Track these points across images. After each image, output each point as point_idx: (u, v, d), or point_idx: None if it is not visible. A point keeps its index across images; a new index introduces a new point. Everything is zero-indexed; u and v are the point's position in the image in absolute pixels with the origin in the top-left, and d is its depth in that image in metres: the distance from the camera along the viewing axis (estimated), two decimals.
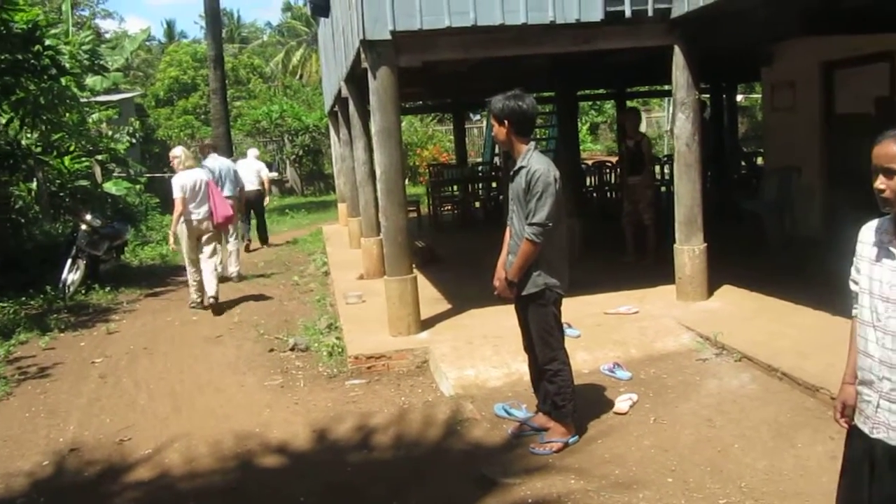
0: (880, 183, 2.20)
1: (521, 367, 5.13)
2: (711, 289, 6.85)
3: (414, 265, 6.66)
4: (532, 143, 4.20)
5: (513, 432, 4.56)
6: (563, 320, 4.40)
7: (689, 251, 6.70)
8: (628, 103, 15.31)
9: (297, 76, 37.51)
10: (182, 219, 8.32)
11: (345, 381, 5.78)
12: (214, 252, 8.55)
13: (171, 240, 8.60)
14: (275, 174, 25.33)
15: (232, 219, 9.10)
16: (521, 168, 4.13)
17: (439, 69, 8.76)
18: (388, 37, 5.85)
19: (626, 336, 5.99)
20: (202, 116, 28.33)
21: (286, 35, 44.11)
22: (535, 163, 4.09)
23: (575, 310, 6.28)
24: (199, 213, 8.39)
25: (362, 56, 6.09)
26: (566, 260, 4.27)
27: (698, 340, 5.82)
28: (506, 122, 4.13)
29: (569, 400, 4.31)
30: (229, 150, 18.96)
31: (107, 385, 6.21)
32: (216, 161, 10.34)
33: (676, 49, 6.50)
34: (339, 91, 9.80)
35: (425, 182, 17.42)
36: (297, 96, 29.49)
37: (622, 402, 4.82)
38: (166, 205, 19.45)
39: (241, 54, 39.58)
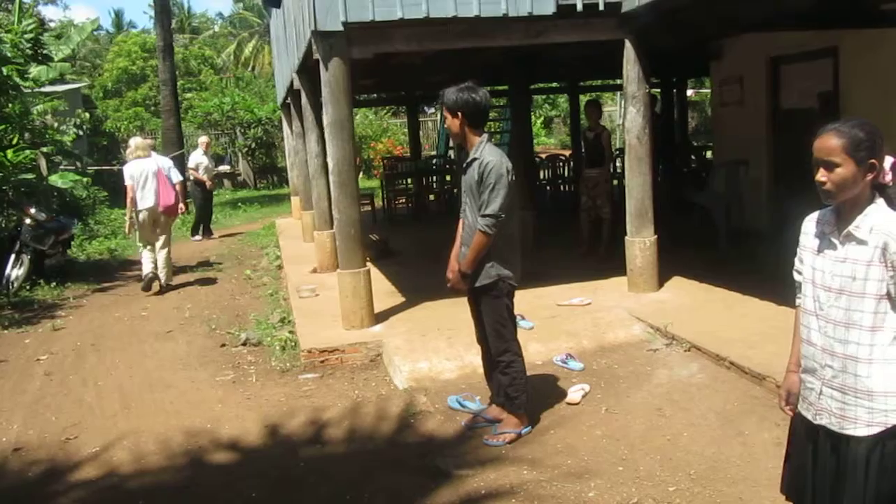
0: (821, 175, 2.25)
1: (474, 359, 5.15)
2: (662, 280, 6.96)
3: (368, 258, 6.63)
4: (485, 136, 4.21)
5: (466, 424, 4.58)
6: (516, 312, 4.43)
7: (639, 243, 6.79)
8: (581, 97, 15.46)
9: (250, 68, 36.98)
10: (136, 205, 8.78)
11: (298, 375, 5.73)
12: (165, 243, 9.09)
13: (127, 226, 8.97)
14: (227, 167, 25.00)
15: (173, 208, 9.27)
16: (473, 160, 4.14)
17: (393, 61, 8.72)
18: (340, 28, 5.80)
19: (579, 327, 6.04)
20: (152, 108, 27.78)
21: (238, 26, 43.44)
22: (487, 154, 4.10)
23: (528, 302, 6.33)
24: (146, 201, 8.81)
25: (314, 47, 6.03)
26: (519, 251, 4.30)
27: (649, 331, 5.91)
28: (459, 114, 4.14)
29: (522, 391, 4.34)
30: (180, 143, 18.65)
31: (52, 383, 6.06)
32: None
33: (627, 43, 6.57)
34: (292, 83, 9.69)
35: (379, 175, 17.33)
36: (249, 88, 29.06)
37: (574, 393, 4.87)
38: (115, 198, 19.08)
39: (192, 45, 38.88)
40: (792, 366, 2.56)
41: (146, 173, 8.87)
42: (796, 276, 2.50)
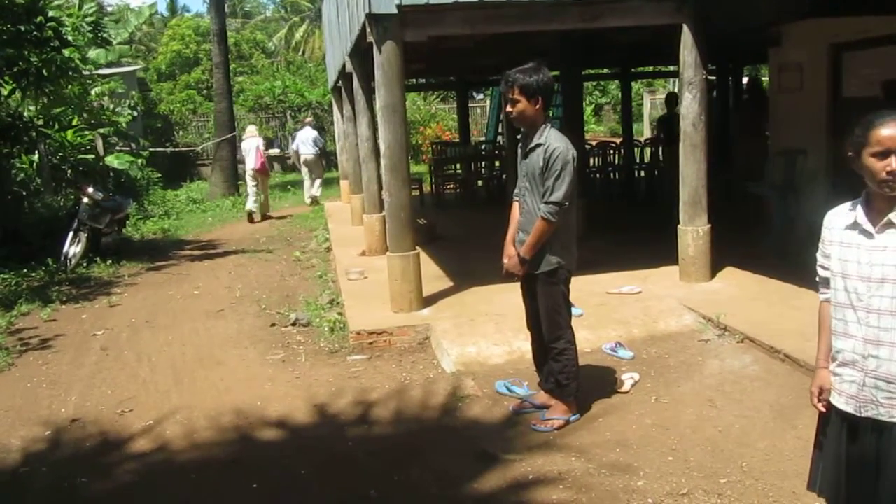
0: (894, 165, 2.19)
1: (522, 344, 5.14)
2: (715, 270, 6.84)
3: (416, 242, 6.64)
4: (548, 121, 4.16)
5: (514, 409, 4.57)
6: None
7: (692, 232, 6.68)
8: (633, 84, 15.23)
9: (300, 52, 37.23)
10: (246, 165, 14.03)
11: (346, 356, 5.78)
12: (261, 191, 14.33)
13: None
14: (276, 150, 25.26)
15: (262, 169, 14.09)
16: (538, 145, 4.07)
17: (443, 45, 8.68)
18: (395, 11, 5.79)
19: (629, 316, 5.98)
20: (204, 91, 28.13)
21: (289, 10, 43.71)
22: (553, 140, 4.03)
23: (578, 289, 6.20)
24: (249, 165, 13.99)
25: (368, 30, 6.04)
26: (576, 239, 4.26)
27: (701, 321, 5.82)
28: (540, 98, 4.04)
29: (573, 379, 4.31)
30: (231, 126, 18.87)
31: (108, 357, 6.22)
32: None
33: (685, 28, 6.43)
34: (343, 66, 9.73)
35: (428, 160, 17.34)
36: (299, 72, 29.27)
37: (624, 382, 4.82)
38: (168, 179, 19.47)
39: (244, 29, 39.29)
40: (821, 362, 2.52)
41: (251, 148, 13.90)
42: (821, 272, 2.48)
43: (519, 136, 4.41)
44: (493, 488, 3.71)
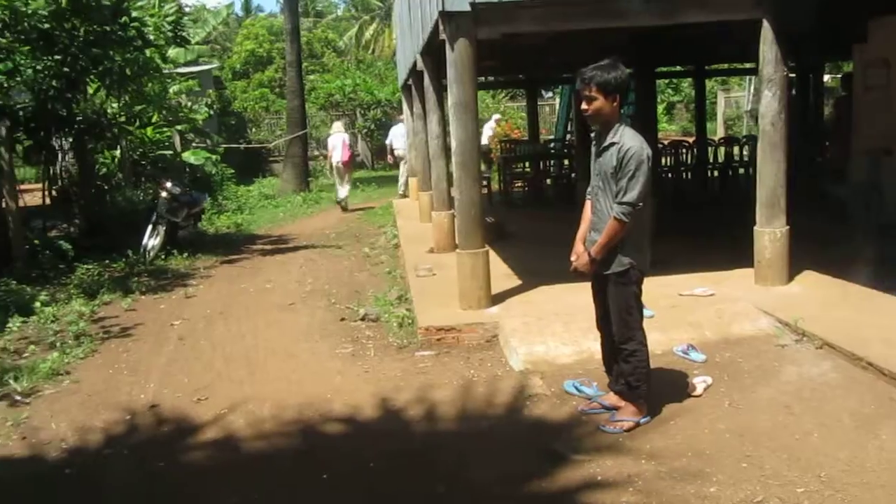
0: None
1: (592, 344, 5.08)
2: (792, 273, 6.64)
3: None
4: (623, 119, 4.11)
5: (582, 409, 4.53)
6: None
7: (769, 234, 6.50)
8: (707, 82, 14.91)
9: (370, 50, 37.62)
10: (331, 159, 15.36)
11: (414, 352, 5.82)
12: (347, 182, 15.52)
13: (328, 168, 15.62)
14: None
15: (347, 163, 15.35)
16: (611, 144, 4.02)
17: (514, 43, 8.65)
18: (468, 8, 5.80)
19: (701, 318, 5.86)
20: (277, 89, 28.70)
21: (360, 9, 44.20)
22: (628, 139, 3.98)
23: (649, 290, 6.07)
24: (335, 158, 15.22)
25: (440, 28, 6.06)
26: (649, 239, 4.19)
27: (777, 326, 5.65)
28: (617, 95, 3.99)
29: (643, 381, 4.25)
30: (303, 123, 19.21)
31: (185, 346, 6.41)
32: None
33: (765, 23, 6.25)
34: (415, 64, 9.79)
35: (496, 158, 17.32)
36: (369, 70, 29.59)
37: (696, 385, 4.72)
38: (242, 175, 19.93)
39: (316, 28, 39.90)
40: None
41: (337, 142, 15.25)
42: None
43: (592, 134, 4.35)
44: (560, 488, 3.69)
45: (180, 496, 3.86)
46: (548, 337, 5.60)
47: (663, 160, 13.71)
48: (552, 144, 16.19)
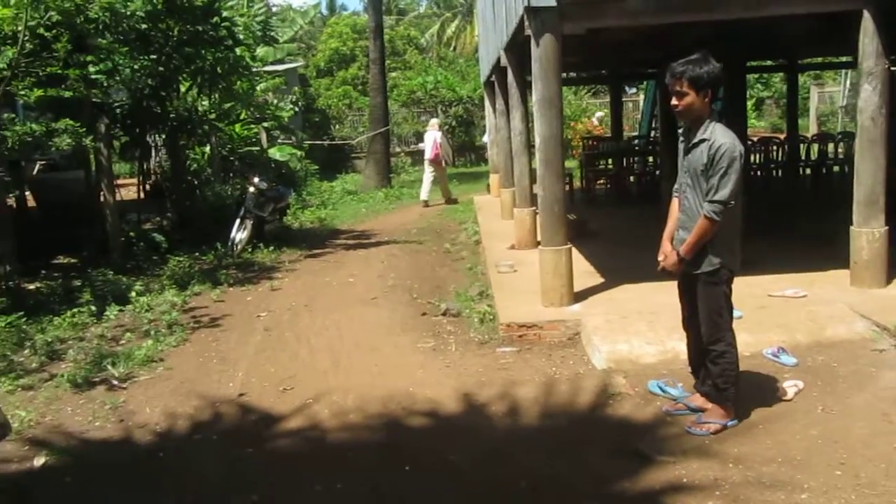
0: None
1: (676, 344, 4.99)
2: (891, 276, 6.34)
3: None
4: (715, 115, 4.00)
5: (667, 410, 4.45)
6: None
7: (867, 234, 6.23)
8: (800, 76, 14.38)
9: (452, 47, 37.75)
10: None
11: (495, 347, 5.83)
12: (439, 178, 15.74)
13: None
14: (424, 145, 25.76)
15: (436, 160, 15.50)
16: (702, 141, 3.92)
17: (599, 38, 8.54)
18: (554, 3, 5.76)
19: (793, 320, 5.66)
20: (359, 87, 29.11)
21: (442, 6, 44.44)
22: (720, 136, 3.87)
23: (737, 290, 5.91)
24: (427, 154, 15.56)
25: (525, 23, 6.03)
26: (740, 238, 4.08)
27: (874, 329, 5.42)
28: (710, 90, 3.89)
29: (732, 383, 4.14)
30: (385, 120, 19.43)
31: (271, 337, 6.58)
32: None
33: (865, 14, 5.99)
34: (498, 61, 9.78)
35: (578, 155, 17.15)
36: (451, 67, 29.69)
37: (787, 389, 4.57)
38: (325, 171, 20.31)
39: (398, 26, 40.28)
40: None
41: (428, 140, 15.64)
42: None
43: (680, 131, 4.25)
44: (644, 489, 3.63)
45: (266, 482, 3.96)
46: (631, 336, 5.52)
47: (752, 157, 13.31)
48: (636, 141, 15.91)
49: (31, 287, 8.16)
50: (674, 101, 3.97)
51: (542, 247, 6.31)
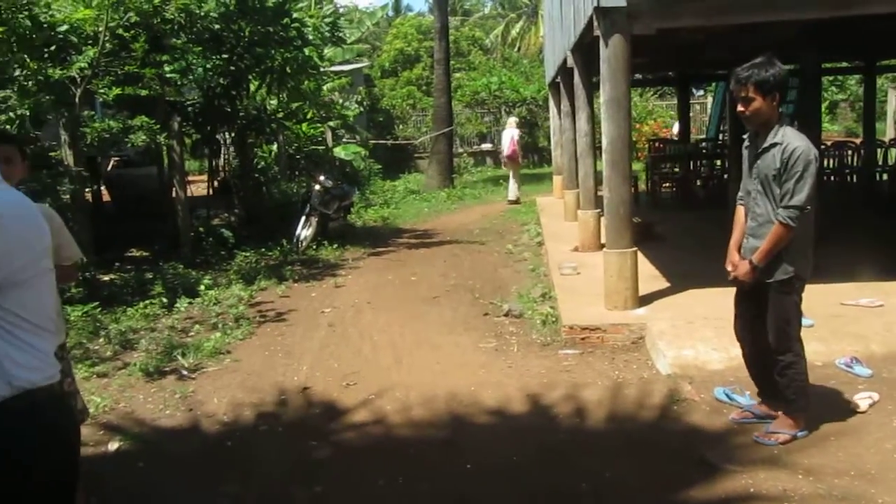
0: None
1: None
2: None
3: None
4: (784, 118, 3.90)
5: (734, 418, 4.36)
6: None
7: None
8: (878, 79, 13.90)
9: (516, 48, 37.67)
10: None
11: (558, 350, 5.79)
12: (514, 177, 15.55)
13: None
14: (489, 145, 25.78)
15: (513, 157, 15.39)
16: (773, 145, 3.82)
17: (669, 39, 8.40)
18: (624, 4, 5.70)
19: (867, 330, 5.48)
20: (423, 87, 29.26)
21: (506, 7, 44.38)
22: (792, 139, 3.77)
23: (809, 298, 5.78)
24: (504, 152, 15.61)
25: (594, 24, 5.99)
26: (813, 245, 3.97)
27: None
28: (777, 94, 3.80)
29: (801, 394, 4.03)
30: (449, 120, 19.49)
31: (335, 333, 6.67)
32: None
33: None
34: (564, 61, 9.72)
35: (643, 158, 16.91)
36: (515, 68, 29.63)
37: (861, 401, 4.42)
38: (388, 170, 20.49)
39: (463, 26, 40.36)
40: None
41: (506, 138, 15.43)
42: None
43: (745, 136, 4.14)
44: (709, 498, 3.57)
45: (330, 474, 4.02)
46: (697, 341, 5.42)
47: (826, 162, 12.92)
48: (703, 144, 15.62)
49: (106, 278, 8.43)
50: (740, 108, 3.89)
51: (607, 249, 6.25)
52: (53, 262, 2.11)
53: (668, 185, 13.96)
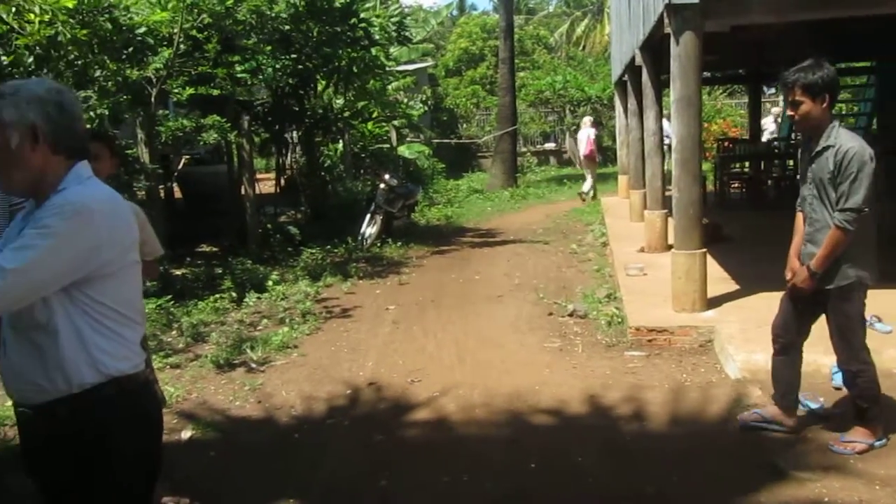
0: None
1: (818, 357, 4.74)
2: None
3: None
4: (836, 121, 3.81)
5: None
6: (870, 313, 3.98)
7: None
8: None
9: (581, 47, 37.33)
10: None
11: (623, 351, 5.73)
12: (590, 174, 15.77)
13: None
14: (552, 145, 25.63)
15: (589, 156, 15.73)
16: (827, 147, 3.72)
17: (740, 36, 8.22)
18: (696, 0, 5.60)
19: None
20: (487, 86, 29.21)
21: (572, 5, 44.00)
22: (845, 140, 3.67)
23: (884, 301, 5.59)
24: (580, 151, 16.11)
25: (665, 21, 5.90)
26: (875, 247, 3.84)
27: None
28: (827, 96, 3.71)
29: (873, 402, 3.91)
30: (513, 119, 19.44)
31: (399, 330, 6.74)
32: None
33: None
34: (632, 59, 9.60)
35: (711, 157, 16.56)
36: (580, 67, 29.35)
37: None
38: (452, 169, 20.55)
39: (527, 25, 40.17)
40: None
41: (582, 137, 15.81)
42: None
43: (793, 139, 4.05)
44: None
45: (395, 468, 4.07)
46: (767, 345, 5.19)
47: None
48: (775, 143, 15.22)
49: (178, 273, 8.68)
50: (789, 112, 3.86)
51: (676, 250, 6.16)
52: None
53: (737, 185, 13.66)
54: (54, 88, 2.02)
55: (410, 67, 19.67)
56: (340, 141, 14.27)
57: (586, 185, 15.62)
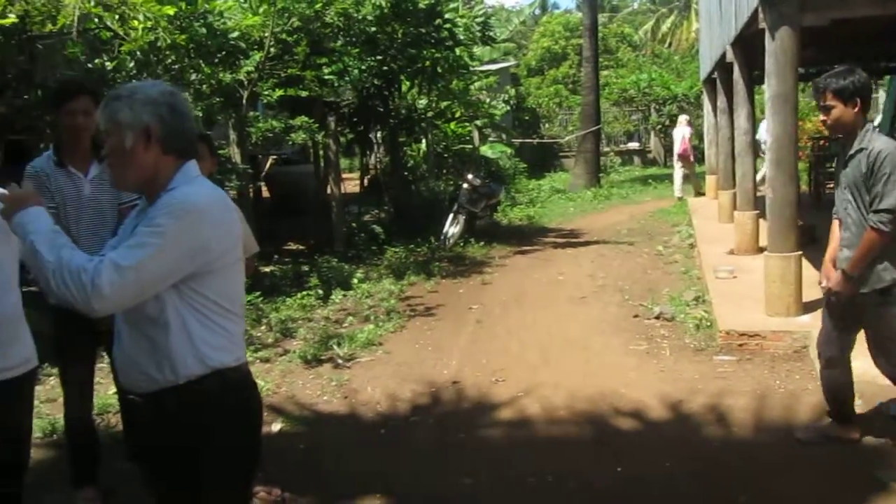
0: None
1: None
2: None
3: None
4: (870, 124, 3.75)
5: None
6: None
7: None
8: None
9: (667, 44, 36.55)
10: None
11: (713, 355, 5.59)
12: (687, 172, 15.47)
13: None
14: (636, 144, 25.21)
15: (684, 156, 15.30)
16: (859, 150, 3.66)
17: (835, 30, 7.89)
18: None
19: None
20: (570, 85, 28.97)
21: (657, 2, 43.15)
22: (877, 142, 3.63)
23: None
24: (677, 150, 15.39)
25: (760, 16, 5.72)
26: None
27: None
28: (858, 99, 3.67)
29: None
30: (597, 118, 19.21)
31: (482, 329, 6.75)
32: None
33: None
34: (722, 56, 9.36)
35: (805, 157, 15.97)
36: (665, 65, 28.74)
37: None
38: (534, 169, 20.46)
39: (611, 23, 39.62)
40: None
41: (677, 136, 15.44)
42: None
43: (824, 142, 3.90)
44: None
45: (479, 467, 4.08)
46: (866, 352, 5.06)
47: None
48: None
49: (267, 270, 8.92)
50: (822, 117, 3.82)
51: (769, 253, 5.97)
52: None
53: (832, 185, 13.12)
54: (167, 91, 2.11)
55: (493, 67, 19.65)
56: (423, 141, 14.40)
57: (677, 185, 15.34)
